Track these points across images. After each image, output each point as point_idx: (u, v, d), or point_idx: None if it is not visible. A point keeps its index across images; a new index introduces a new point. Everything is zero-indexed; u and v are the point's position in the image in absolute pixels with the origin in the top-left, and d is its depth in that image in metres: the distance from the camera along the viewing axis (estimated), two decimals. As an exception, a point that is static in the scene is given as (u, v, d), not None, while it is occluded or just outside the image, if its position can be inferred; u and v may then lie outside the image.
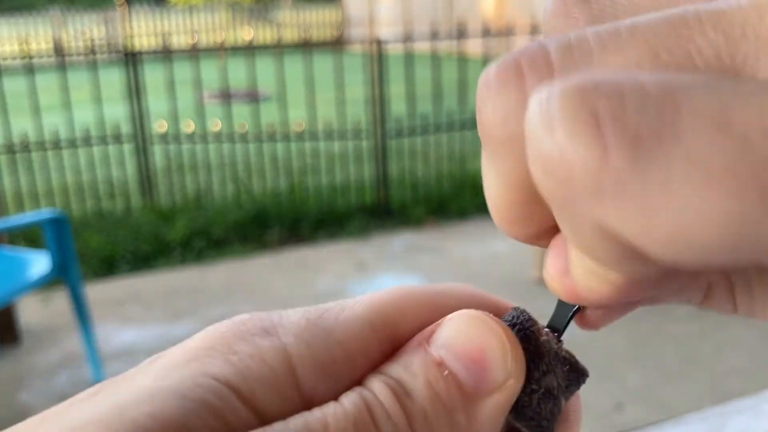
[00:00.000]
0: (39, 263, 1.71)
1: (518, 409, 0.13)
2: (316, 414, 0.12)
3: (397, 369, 0.13)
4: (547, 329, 0.14)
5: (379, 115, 3.08)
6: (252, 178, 3.28)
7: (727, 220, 0.08)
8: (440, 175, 3.23)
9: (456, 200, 3.11)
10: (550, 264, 0.13)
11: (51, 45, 11.96)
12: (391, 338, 0.14)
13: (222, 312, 2.17)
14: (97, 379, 1.78)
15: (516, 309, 0.14)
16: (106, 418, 0.11)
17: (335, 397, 0.13)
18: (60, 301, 2.27)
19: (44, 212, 1.76)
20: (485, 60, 3.15)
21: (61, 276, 1.72)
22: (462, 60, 3.12)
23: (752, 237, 0.09)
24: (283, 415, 0.12)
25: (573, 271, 0.13)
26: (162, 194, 3.26)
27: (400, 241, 2.74)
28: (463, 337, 0.13)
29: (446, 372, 0.13)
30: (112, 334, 2.04)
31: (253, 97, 3.06)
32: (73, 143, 3.06)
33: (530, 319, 0.14)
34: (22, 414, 1.65)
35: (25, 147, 3.01)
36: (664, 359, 1.77)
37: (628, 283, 0.12)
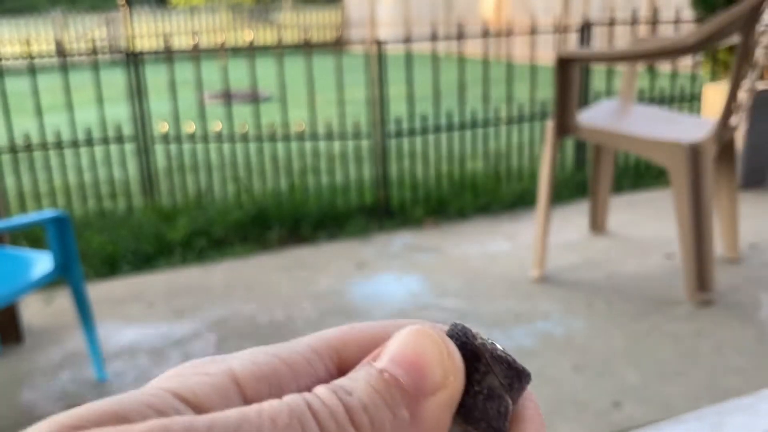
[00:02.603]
0: (41, 263, 1.71)
1: (466, 412, 0.14)
2: (254, 406, 0.13)
3: (342, 380, 0.14)
4: (489, 339, 0.15)
5: (379, 116, 3.09)
6: (252, 179, 3.29)
7: None
8: (440, 176, 3.24)
9: (455, 200, 3.12)
10: None
11: (53, 46, 11.97)
12: (335, 364, 0.15)
13: (223, 311, 2.18)
14: (100, 377, 1.79)
15: (454, 323, 0.15)
16: (58, 416, 0.12)
17: None
18: (62, 300, 2.29)
19: (46, 212, 1.76)
20: (485, 61, 3.16)
21: (63, 275, 1.73)
22: (461, 61, 3.13)
23: None
24: None
25: None
26: (163, 194, 3.27)
27: (400, 241, 2.75)
28: (403, 347, 0.14)
29: (386, 375, 0.13)
30: (113, 334, 2.05)
31: (253, 97, 3.07)
32: (75, 143, 3.08)
33: (466, 327, 0.15)
34: (24, 413, 1.66)
35: (28, 147, 3.02)
36: (663, 358, 1.77)
37: None
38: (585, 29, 3.33)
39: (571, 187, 3.30)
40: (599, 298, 2.13)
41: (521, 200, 3.16)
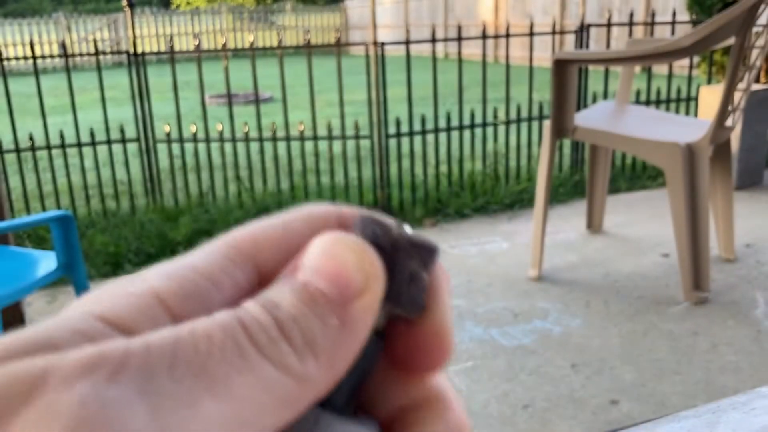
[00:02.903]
0: (45, 262, 1.72)
1: (393, 297, 0.15)
2: (186, 325, 0.13)
3: (267, 293, 0.14)
4: (398, 223, 0.16)
5: (379, 117, 3.11)
6: (254, 179, 3.31)
7: None
8: (439, 176, 3.26)
9: (454, 200, 3.14)
10: None
11: (57, 48, 11.98)
12: (252, 272, 0.15)
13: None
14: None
15: (362, 216, 0.16)
16: None
17: None
18: (66, 299, 2.31)
19: (50, 212, 1.77)
20: (484, 62, 3.18)
21: (66, 274, 1.73)
22: (460, 62, 3.15)
23: None
24: None
25: None
26: (166, 194, 3.29)
27: (400, 241, 2.76)
28: (322, 258, 0.14)
29: (312, 288, 0.14)
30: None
31: (255, 98, 3.09)
32: (78, 144, 3.10)
33: (378, 220, 0.16)
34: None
35: (32, 147, 3.04)
36: (659, 356, 1.79)
37: None
38: (582, 31, 3.36)
39: (569, 187, 3.32)
40: (596, 297, 2.14)
41: (519, 200, 3.18)
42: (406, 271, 0.15)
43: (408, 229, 0.16)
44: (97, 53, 3.10)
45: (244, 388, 0.12)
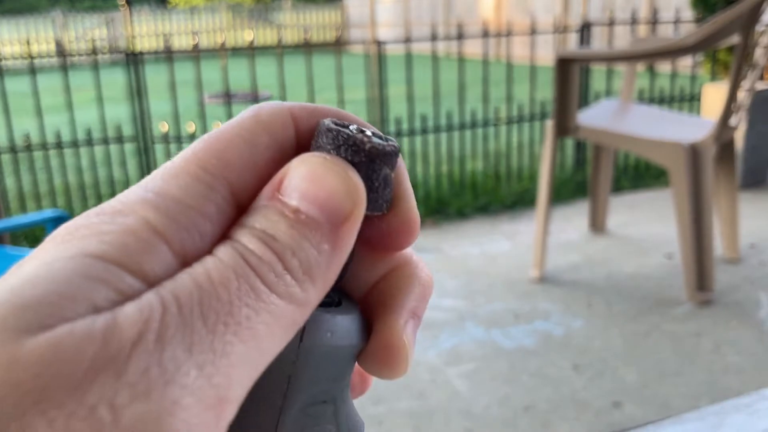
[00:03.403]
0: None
1: (372, 205, 0.16)
2: (198, 269, 0.13)
3: (258, 220, 0.14)
4: (359, 128, 0.16)
5: (379, 116, 3.10)
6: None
7: None
8: (440, 176, 3.24)
9: (455, 200, 3.13)
10: None
11: (53, 46, 11.97)
12: (229, 192, 0.15)
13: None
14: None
15: (326, 126, 0.16)
16: (22, 298, 0.12)
17: (208, 253, 0.14)
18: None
19: (46, 212, 1.77)
20: (484, 61, 3.17)
21: (63, 275, 1.73)
22: (461, 61, 3.13)
23: None
24: (169, 277, 0.13)
25: None
26: (163, 194, 3.27)
27: (400, 241, 2.75)
28: (309, 184, 0.15)
29: (303, 216, 0.14)
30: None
31: (253, 97, 3.07)
32: (75, 143, 3.08)
33: (349, 135, 0.16)
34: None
35: (28, 147, 3.02)
36: (662, 358, 1.78)
37: None
38: (584, 29, 3.34)
39: (571, 187, 3.30)
40: (599, 298, 2.13)
41: (521, 200, 3.17)
42: (381, 177, 0.16)
43: (368, 131, 0.16)
44: (95, 52, 3.08)
45: (263, 326, 0.13)
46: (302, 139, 0.16)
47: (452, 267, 2.45)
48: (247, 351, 0.13)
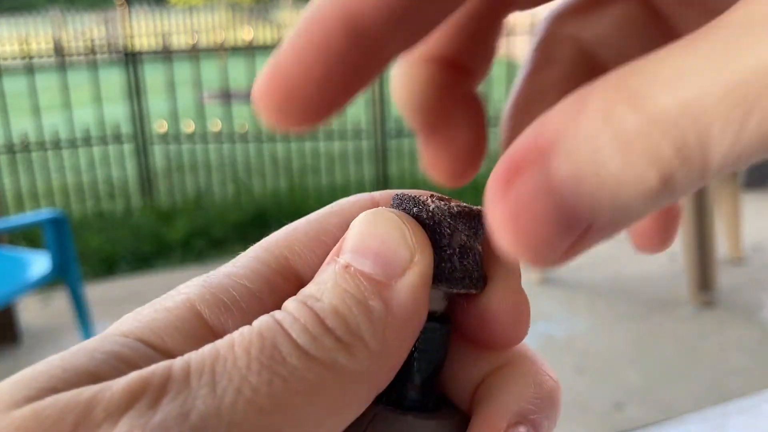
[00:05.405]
0: (39, 263, 1.71)
1: (447, 276, 0.14)
2: (226, 337, 0.12)
3: (309, 286, 0.13)
4: (433, 195, 0.15)
5: (379, 116, 3.08)
6: (252, 179, 3.28)
7: None
8: (440, 175, 3.24)
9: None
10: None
11: (51, 45, 11.97)
12: (292, 273, 0.14)
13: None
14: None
15: (397, 195, 0.15)
16: (21, 375, 0.12)
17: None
18: (60, 301, 2.27)
19: (44, 212, 1.76)
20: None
21: (61, 276, 1.72)
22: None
23: None
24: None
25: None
26: (162, 194, 3.26)
27: (401, 241, 2.74)
28: (362, 235, 0.13)
29: (352, 269, 0.13)
30: (112, 335, 2.04)
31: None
32: (73, 143, 3.07)
33: (414, 197, 0.15)
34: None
35: (25, 147, 3.01)
36: (665, 359, 1.77)
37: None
38: (586, 28, 3.33)
39: (572, 186, 3.30)
40: (601, 299, 2.12)
41: (522, 200, 3.16)
42: (455, 244, 0.14)
43: (448, 199, 0.15)
44: (93, 51, 3.07)
45: (295, 396, 0.11)
46: None
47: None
48: (270, 425, 0.11)
